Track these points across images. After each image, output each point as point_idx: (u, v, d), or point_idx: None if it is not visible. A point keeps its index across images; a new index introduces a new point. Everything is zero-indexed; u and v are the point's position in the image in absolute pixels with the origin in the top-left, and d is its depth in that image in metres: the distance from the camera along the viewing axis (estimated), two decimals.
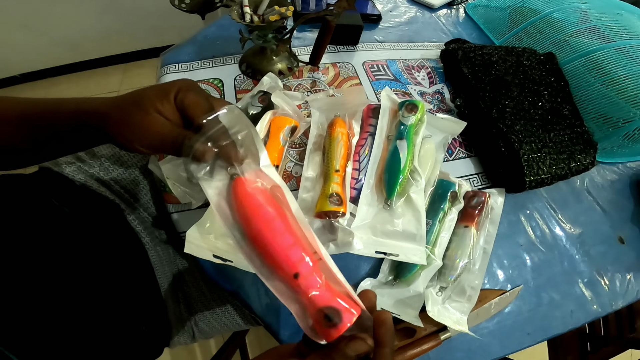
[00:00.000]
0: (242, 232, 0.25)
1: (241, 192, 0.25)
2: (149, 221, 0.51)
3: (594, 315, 0.47)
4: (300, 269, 0.24)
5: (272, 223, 0.24)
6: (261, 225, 0.24)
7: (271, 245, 0.24)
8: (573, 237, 0.52)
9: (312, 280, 0.24)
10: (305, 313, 0.24)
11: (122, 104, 0.28)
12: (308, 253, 0.25)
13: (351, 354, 0.23)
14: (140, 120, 0.27)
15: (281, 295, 0.24)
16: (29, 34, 1.35)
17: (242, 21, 0.49)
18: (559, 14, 0.66)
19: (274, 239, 0.24)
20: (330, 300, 0.23)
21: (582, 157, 0.52)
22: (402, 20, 0.76)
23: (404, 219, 0.43)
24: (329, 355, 0.23)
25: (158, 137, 0.27)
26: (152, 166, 0.44)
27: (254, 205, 0.24)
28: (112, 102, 0.28)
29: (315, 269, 0.24)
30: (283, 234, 0.24)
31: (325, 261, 0.25)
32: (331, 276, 0.25)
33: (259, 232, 0.24)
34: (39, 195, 0.40)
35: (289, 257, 0.24)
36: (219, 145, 0.27)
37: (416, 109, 0.48)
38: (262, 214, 0.24)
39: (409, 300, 0.40)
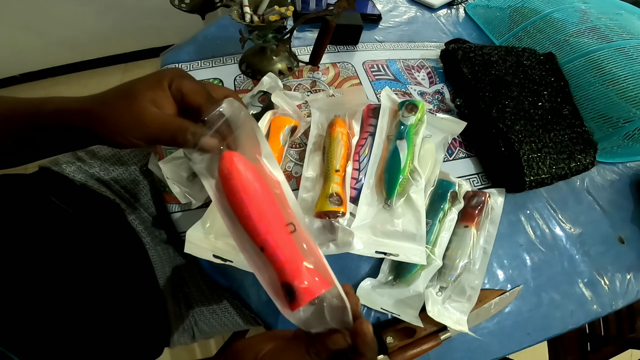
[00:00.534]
0: (227, 206, 0.26)
1: (227, 165, 0.25)
2: (149, 221, 0.51)
3: (594, 315, 0.47)
4: (267, 243, 0.24)
5: (250, 195, 0.25)
6: (241, 195, 0.25)
7: (246, 217, 0.25)
8: (573, 237, 0.52)
9: (279, 254, 0.24)
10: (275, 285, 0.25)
11: (107, 98, 0.27)
12: (281, 226, 0.25)
13: (331, 346, 0.24)
14: (132, 110, 0.26)
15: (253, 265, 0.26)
16: (29, 34, 1.35)
17: (242, 21, 0.49)
18: (559, 14, 0.66)
19: (249, 210, 0.24)
20: (293, 276, 0.24)
21: (582, 157, 0.52)
22: (402, 20, 0.76)
23: (404, 219, 0.43)
24: (313, 344, 0.24)
25: (155, 127, 0.26)
26: (152, 166, 0.44)
27: (237, 176, 0.25)
28: (95, 98, 0.27)
29: (285, 243, 0.25)
30: (258, 205, 0.25)
31: (303, 232, 0.26)
32: (308, 249, 0.26)
33: (237, 202, 0.25)
34: (39, 195, 0.40)
35: (258, 229, 0.24)
36: (224, 137, 0.27)
37: (416, 109, 0.48)
38: (242, 185, 0.25)
39: (409, 300, 0.40)
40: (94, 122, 0.26)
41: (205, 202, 0.43)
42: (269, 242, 0.24)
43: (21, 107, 0.29)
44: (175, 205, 0.43)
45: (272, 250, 0.24)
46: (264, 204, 0.25)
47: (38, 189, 0.41)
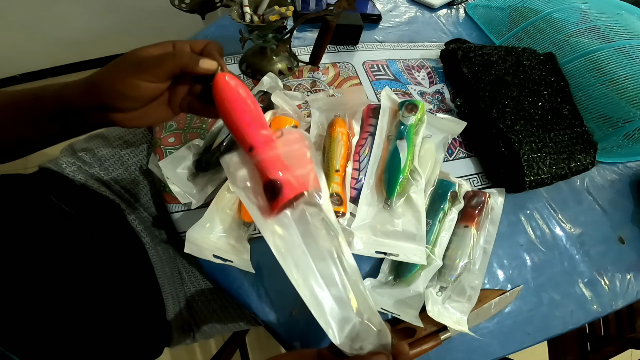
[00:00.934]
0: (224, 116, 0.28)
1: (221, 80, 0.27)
2: (149, 221, 0.51)
3: (594, 315, 0.47)
4: (255, 143, 0.27)
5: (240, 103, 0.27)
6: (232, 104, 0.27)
7: (236, 122, 0.27)
8: (573, 237, 0.52)
9: (265, 155, 0.27)
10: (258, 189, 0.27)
11: (101, 69, 0.27)
12: (267, 130, 0.28)
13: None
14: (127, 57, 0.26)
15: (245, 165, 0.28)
16: (29, 34, 1.35)
17: (242, 21, 0.49)
18: (559, 14, 0.66)
19: (238, 116, 0.27)
20: (277, 173, 0.26)
21: (582, 157, 0.52)
22: (402, 20, 0.76)
23: (404, 219, 0.43)
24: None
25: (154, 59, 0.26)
26: (152, 166, 0.44)
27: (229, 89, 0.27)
28: (93, 74, 0.27)
29: (271, 145, 0.27)
30: (245, 112, 0.27)
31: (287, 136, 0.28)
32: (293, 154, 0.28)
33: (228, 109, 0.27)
34: (39, 195, 0.40)
35: (247, 131, 0.27)
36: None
37: (416, 109, 0.48)
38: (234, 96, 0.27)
39: (409, 300, 0.40)
40: (93, 86, 0.26)
41: (205, 202, 0.43)
42: (257, 143, 0.27)
43: (20, 96, 0.29)
44: (175, 205, 0.43)
45: (259, 151, 0.27)
46: (252, 112, 0.27)
47: (38, 189, 0.41)
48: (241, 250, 0.39)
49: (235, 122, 0.27)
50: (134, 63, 0.26)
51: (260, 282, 0.40)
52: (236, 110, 0.27)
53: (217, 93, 0.27)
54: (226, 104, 0.27)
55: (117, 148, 0.50)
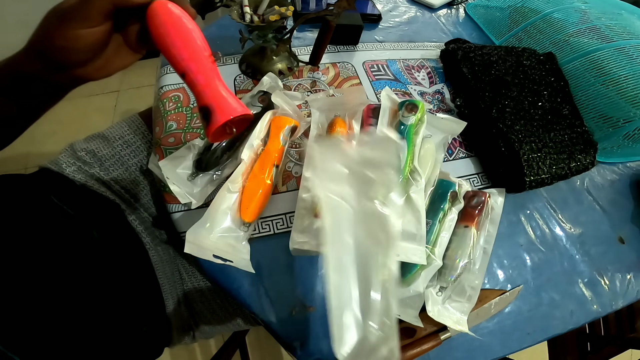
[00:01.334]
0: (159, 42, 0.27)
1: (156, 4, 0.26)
2: (149, 221, 0.51)
3: (594, 315, 0.47)
4: (188, 68, 0.26)
5: (174, 26, 0.26)
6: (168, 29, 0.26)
7: (169, 46, 0.26)
8: (573, 237, 0.52)
9: (198, 78, 0.26)
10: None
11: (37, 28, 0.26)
12: (202, 55, 0.27)
13: None
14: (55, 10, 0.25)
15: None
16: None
17: (242, 21, 0.49)
18: (559, 14, 0.66)
19: (172, 39, 0.26)
20: (210, 98, 0.26)
21: (582, 157, 0.52)
22: (402, 20, 0.76)
23: (404, 219, 0.42)
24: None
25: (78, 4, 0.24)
26: (152, 166, 0.44)
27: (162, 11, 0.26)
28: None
29: (206, 69, 0.27)
30: (181, 35, 0.26)
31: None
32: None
33: (162, 33, 0.26)
34: (39, 195, 0.40)
35: (180, 56, 0.26)
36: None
37: (416, 108, 0.48)
38: (168, 19, 0.26)
39: (409, 300, 0.40)
40: (35, 51, 0.26)
41: (205, 202, 0.43)
42: (190, 67, 0.26)
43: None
44: (175, 205, 0.43)
45: (192, 76, 0.26)
46: (187, 35, 0.26)
47: (38, 189, 0.41)
48: (241, 250, 0.39)
49: (167, 43, 0.26)
50: (60, 13, 0.24)
51: (260, 282, 0.40)
52: (169, 31, 0.26)
53: (151, 13, 0.26)
54: (159, 25, 0.26)
55: (117, 148, 0.50)
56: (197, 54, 0.26)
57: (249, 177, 0.42)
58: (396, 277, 0.27)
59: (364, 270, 0.27)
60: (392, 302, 0.26)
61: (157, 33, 0.26)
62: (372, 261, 0.27)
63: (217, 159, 0.44)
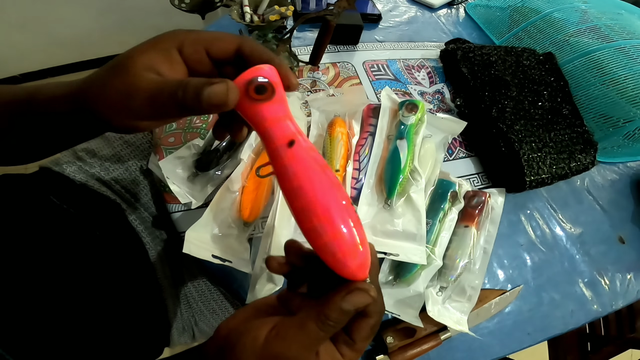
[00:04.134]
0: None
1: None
2: (149, 221, 0.51)
3: (594, 315, 0.47)
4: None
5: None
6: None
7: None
8: (573, 237, 0.52)
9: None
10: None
11: (98, 73, 0.21)
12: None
13: (350, 308, 0.19)
14: (123, 81, 0.20)
15: None
16: (28, 34, 1.35)
17: (242, 21, 0.49)
18: (559, 14, 0.66)
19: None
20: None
21: (583, 157, 0.52)
22: (402, 20, 0.76)
23: (404, 219, 0.42)
24: (319, 311, 0.19)
25: (148, 93, 0.20)
26: (152, 166, 0.44)
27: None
28: (87, 77, 0.22)
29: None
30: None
31: None
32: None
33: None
34: (39, 195, 0.40)
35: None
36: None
37: (416, 108, 0.48)
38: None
39: (409, 300, 0.40)
40: (86, 103, 0.21)
41: (205, 202, 0.43)
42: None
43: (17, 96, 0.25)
44: (175, 205, 0.43)
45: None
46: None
47: (38, 189, 0.41)
48: (241, 250, 0.39)
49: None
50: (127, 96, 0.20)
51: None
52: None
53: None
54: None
55: (117, 148, 0.50)
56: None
57: (249, 177, 0.42)
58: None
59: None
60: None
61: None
62: None
63: (217, 159, 0.44)
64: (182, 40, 0.21)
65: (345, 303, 0.19)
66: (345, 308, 0.19)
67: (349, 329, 0.21)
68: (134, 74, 0.20)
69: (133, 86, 0.20)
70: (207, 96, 0.18)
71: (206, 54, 0.22)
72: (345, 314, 0.19)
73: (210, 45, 0.22)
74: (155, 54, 0.21)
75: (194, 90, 0.18)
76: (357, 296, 0.19)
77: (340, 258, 0.19)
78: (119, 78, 0.20)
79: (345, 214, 0.19)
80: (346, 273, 0.19)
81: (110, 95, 0.20)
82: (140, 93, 0.20)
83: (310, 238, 0.19)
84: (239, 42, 0.22)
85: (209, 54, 0.22)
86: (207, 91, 0.18)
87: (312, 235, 0.19)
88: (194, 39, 0.21)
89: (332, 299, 0.19)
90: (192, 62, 0.22)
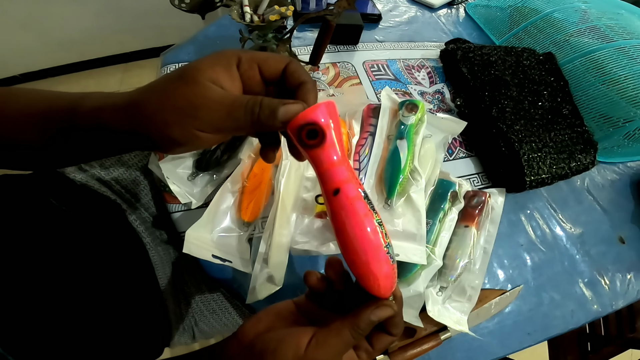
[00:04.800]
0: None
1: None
2: (149, 221, 0.51)
3: (595, 315, 0.47)
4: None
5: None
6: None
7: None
8: (573, 237, 0.52)
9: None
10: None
11: (156, 86, 0.22)
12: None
13: (375, 319, 0.22)
14: (191, 93, 0.21)
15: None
16: (28, 34, 1.35)
17: (242, 21, 0.49)
18: (560, 14, 0.66)
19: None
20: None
21: (583, 157, 0.52)
22: (402, 20, 0.76)
23: (404, 219, 0.42)
24: (352, 322, 0.22)
25: (223, 107, 0.21)
26: (152, 166, 0.44)
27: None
28: (141, 89, 0.22)
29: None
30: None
31: None
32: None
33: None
34: (38, 196, 0.40)
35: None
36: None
37: (416, 108, 0.48)
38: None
39: (409, 300, 0.40)
40: (141, 116, 0.21)
41: (205, 202, 0.43)
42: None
43: (59, 102, 0.24)
44: (176, 205, 0.43)
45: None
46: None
47: (38, 190, 0.41)
48: (240, 250, 0.39)
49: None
50: (197, 106, 0.20)
51: None
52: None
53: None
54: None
55: None
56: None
57: (249, 177, 0.42)
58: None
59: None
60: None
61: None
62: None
63: (217, 159, 0.44)
64: (240, 58, 0.23)
65: (374, 315, 0.23)
66: (373, 319, 0.22)
67: (370, 338, 0.25)
68: (203, 86, 0.21)
69: (204, 98, 0.21)
70: (284, 113, 0.20)
71: (259, 72, 0.23)
72: (371, 324, 0.23)
73: (263, 63, 0.23)
74: (220, 68, 0.22)
75: (269, 108, 0.20)
76: (383, 310, 0.23)
77: (372, 283, 0.22)
78: (188, 88, 0.21)
79: (381, 249, 0.22)
80: (376, 292, 0.23)
81: (176, 104, 0.21)
82: (213, 105, 0.21)
83: (350, 266, 0.23)
84: (286, 62, 0.23)
85: (261, 72, 0.23)
86: (283, 110, 0.20)
87: (351, 265, 0.23)
88: (250, 57, 0.23)
89: (363, 311, 0.23)
90: (246, 78, 0.23)
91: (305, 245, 0.40)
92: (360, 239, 0.21)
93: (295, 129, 0.20)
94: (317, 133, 0.20)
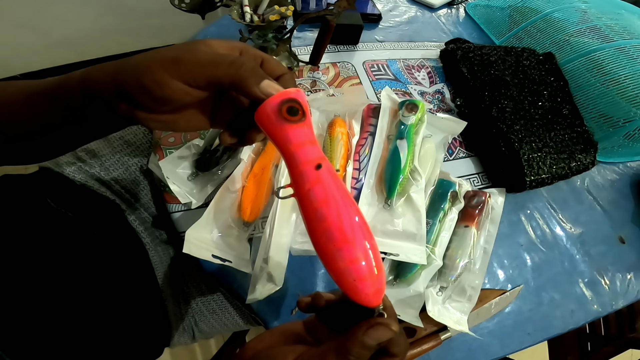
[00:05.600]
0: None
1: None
2: (149, 221, 0.51)
3: (595, 315, 0.47)
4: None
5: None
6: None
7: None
8: (573, 237, 0.52)
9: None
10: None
11: (142, 55, 0.22)
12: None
13: (372, 342, 0.19)
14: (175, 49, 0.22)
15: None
16: (29, 34, 1.35)
17: (242, 21, 0.49)
18: (560, 14, 0.66)
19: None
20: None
21: (583, 157, 0.52)
22: (402, 20, 0.76)
23: (404, 219, 0.42)
24: (344, 344, 0.19)
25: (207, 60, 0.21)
26: (152, 166, 0.44)
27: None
28: (128, 58, 0.22)
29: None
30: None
31: None
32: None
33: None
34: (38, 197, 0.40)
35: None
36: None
37: (416, 108, 0.48)
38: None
39: (409, 300, 0.40)
40: (126, 67, 0.21)
41: (205, 202, 0.43)
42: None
43: (40, 86, 0.25)
44: (175, 205, 0.43)
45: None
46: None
47: (37, 190, 0.41)
48: (240, 250, 0.39)
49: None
50: (174, 56, 0.21)
51: None
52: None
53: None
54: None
55: (117, 148, 0.50)
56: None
57: (249, 177, 0.42)
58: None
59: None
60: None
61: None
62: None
63: (217, 159, 0.44)
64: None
65: (367, 337, 0.19)
66: (367, 342, 0.19)
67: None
68: (197, 42, 0.23)
69: (193, 49, 0.22)
70: (266, 86, 0.21)
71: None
72: (367, 348, 0.19)
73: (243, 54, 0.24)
74: (219, 42, 0.24)
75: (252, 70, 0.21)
76: (378, 331, 0.19)
77: (356, 284, 0.19)
78: (182, 44, 0.23)
79: (362, 239, 0.20)
80: (361, 299, 0.20)
81: (164, 54, 0.21)
82: (199, 53, 0.22)
83: (327, 262, 0.20)
84: (262, 58, 0.24)
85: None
86: (266, 83, 0.21)
87: (330, 260, 0.20)
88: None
89: (354, 332, 0.20)
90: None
91: (305, 245, 0.40)
92: (341, 220, 0.19)
93: (276, 104, 0.20)
94: (297, 110, 0.20)
